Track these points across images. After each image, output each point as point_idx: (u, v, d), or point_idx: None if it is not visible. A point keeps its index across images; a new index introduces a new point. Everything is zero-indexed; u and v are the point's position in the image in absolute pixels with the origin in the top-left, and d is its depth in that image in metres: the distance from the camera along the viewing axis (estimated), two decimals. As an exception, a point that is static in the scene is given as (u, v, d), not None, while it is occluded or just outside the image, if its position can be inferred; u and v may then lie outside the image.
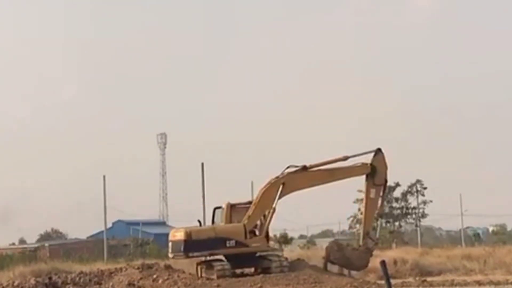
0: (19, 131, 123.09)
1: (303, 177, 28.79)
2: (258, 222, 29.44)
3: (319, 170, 28.82)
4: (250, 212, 29.10)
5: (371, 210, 28.04)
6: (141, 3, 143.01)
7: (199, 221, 31.49)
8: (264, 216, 29.36)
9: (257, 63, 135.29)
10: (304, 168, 28.75)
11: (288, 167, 28.85)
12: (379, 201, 28.58)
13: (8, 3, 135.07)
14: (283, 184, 28.64)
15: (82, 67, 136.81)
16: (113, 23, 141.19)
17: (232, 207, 29.77)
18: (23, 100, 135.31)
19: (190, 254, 29.97)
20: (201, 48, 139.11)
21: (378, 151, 28.39)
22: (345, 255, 28.02)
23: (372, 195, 27.97)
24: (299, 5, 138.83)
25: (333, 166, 29.00)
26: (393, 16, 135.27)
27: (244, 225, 29.24)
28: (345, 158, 28.42)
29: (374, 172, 28.17)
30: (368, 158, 29.04)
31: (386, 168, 28.25)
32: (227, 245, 29.30)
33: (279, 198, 28.79)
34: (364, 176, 28.98)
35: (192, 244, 29.65)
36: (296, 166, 28.88)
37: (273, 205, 28.81)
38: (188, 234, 29.83)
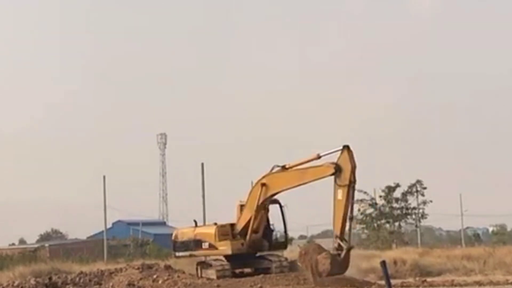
0: (19, 132, 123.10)
1: (281, 177, 27.89)
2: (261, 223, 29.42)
3: (295, 170, 27.63)
4: (240, 213, 29.26)
5: (339, 213, 25.73)
6: (140, 4, 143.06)
7: (194, 221, 31.92)
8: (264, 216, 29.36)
9: (257, 63, 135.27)
10: (284, 168, 27.85)
11: (273, 168, 28.26)
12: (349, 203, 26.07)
13: (7, 5, 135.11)
14: (264, 184, 28.17)
15: (82, 67, 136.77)
16: (112, 23, 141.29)
17: (241, 207, 29.97)
18: (24, 101, 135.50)
19: (177, 254, 31.83)
20: (201, 48, 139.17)
21: (344, 148, 26.11)
22: (311, 259, 26.06)
23: (339, 196, 25.76)
24: (298, 6, 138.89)
25: (307, 166, 27.43)
26: (393, 11, 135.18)
27: (217, 227, 29.77)
28: (318, 157, 26.74)
29: (340, 172, 25.90)
30: None
31: (352, 167, 25.73)
32: (203, 246, 30.07)
33: (265, 199, 28.37)
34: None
35: (178, 244, 31.32)
36: (279, 166, 28.06)
37: (255, 207, 28.56)
38: (176, 235, 31.73)
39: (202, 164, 54.86)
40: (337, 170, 25.88)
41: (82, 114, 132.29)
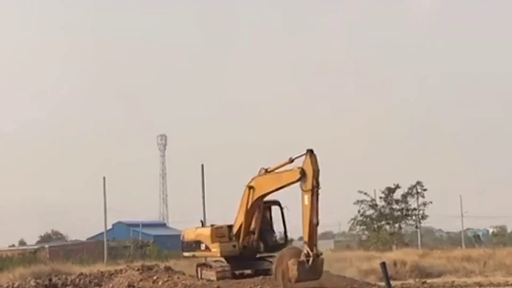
0: (19, 132, 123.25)
1: (264, 180, 27.53)
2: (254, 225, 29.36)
3: (274, 174, 27.21)
4: (236, 215, 29.31)
5: (306, 219, 25.01)
6: (141, 5, 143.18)
7: (201, 221, 32.14)
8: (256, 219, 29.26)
9: (257, 64, 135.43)
10: (266, 171, 27.52)
11: (260, 170, 27.88)
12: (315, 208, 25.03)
13: (8, 5, 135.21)
14: (252, 187, 27.96)
15: (82, 68, 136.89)
16: (112, 24, 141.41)
17: None
18: (24, 101, 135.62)
19: (184, 254, 32.07)
20: (201, 49, 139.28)
21: (307, 153, 25.23)
22: (283, 264, 25.39)
23: (306, 201, 24.98)
24: (299, 6, 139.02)
25: (283, 169, 26.82)
26: (393, 14, 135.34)
27: (212, 229, 29.83)
28: (291, 161, 26.02)
29: (305, 176, 25.10)
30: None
31: (314, 172, 24.89)
32: (201, 247, 30.21)
33: (253, 201, 28.20)
34: None
35: (184, 244, 31.56)
36: (264, 169, 27.69)
37: (245, 209, 28.47)
38: (183, 235, 32.05)
39: (202, 166, 54.94)
40: (302, 175, 25.26)
41: (83, 114, 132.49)
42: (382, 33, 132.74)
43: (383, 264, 13.22)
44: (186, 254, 31.80)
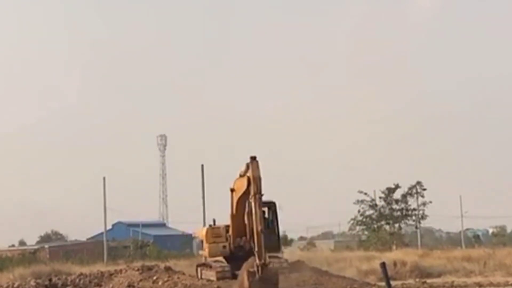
0: (20, 133, 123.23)
1: (239, 183, 27.22)
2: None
3: (242, 178, 26.72)
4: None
5: (255, 225, 24.36)
6: (140, 6, 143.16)
7: (213, 220, 32.16)
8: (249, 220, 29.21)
9: (257, 65, 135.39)
10: (240, 175, 27.27)
11: (239, 173, 27.60)
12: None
13: (12, 4, 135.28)
14: (233, 190, 28.04)
15: (82, 68, 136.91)
16: (111, 26, 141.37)
17: None
18: (25, 104, 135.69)
19: (199, 252, 33.15)
20: (201, 49, 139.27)
21: (250, 160, 24.88)
22: (242, 274, 24.80)
23: (252, 209, 24.69)
24: (298, 7, 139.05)
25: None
26: (394, 16, 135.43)
27: (207, 229, 30.31)
28: (247, 166, 25.38)
29: (250, 184, 24.90)
30: None
31: (255, 179, 24.49)
32: (203, 247, 30.84)
33: (236, 203, 28.02)
34: None
35: (198, 243, 33.95)
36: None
37: (232, 212, 28.51)
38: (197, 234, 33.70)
39: (202, 166, 55.08)
40: (249, 183, 25.10)
41: (82, 115, 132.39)
42: (382, 33, 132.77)
43: (383, 264, 13.19)
44: (200, 252, 32.54)
